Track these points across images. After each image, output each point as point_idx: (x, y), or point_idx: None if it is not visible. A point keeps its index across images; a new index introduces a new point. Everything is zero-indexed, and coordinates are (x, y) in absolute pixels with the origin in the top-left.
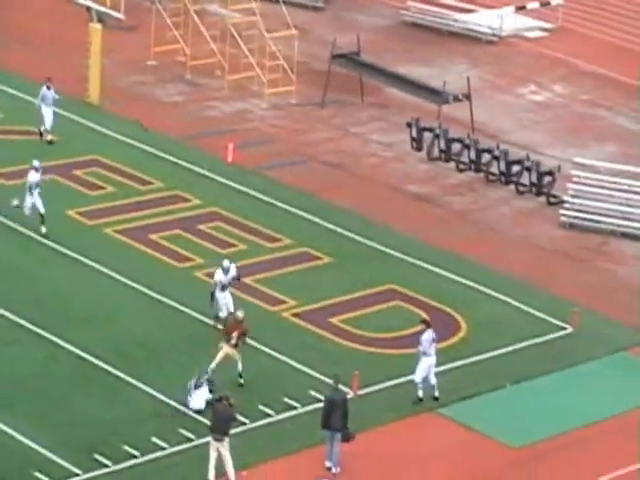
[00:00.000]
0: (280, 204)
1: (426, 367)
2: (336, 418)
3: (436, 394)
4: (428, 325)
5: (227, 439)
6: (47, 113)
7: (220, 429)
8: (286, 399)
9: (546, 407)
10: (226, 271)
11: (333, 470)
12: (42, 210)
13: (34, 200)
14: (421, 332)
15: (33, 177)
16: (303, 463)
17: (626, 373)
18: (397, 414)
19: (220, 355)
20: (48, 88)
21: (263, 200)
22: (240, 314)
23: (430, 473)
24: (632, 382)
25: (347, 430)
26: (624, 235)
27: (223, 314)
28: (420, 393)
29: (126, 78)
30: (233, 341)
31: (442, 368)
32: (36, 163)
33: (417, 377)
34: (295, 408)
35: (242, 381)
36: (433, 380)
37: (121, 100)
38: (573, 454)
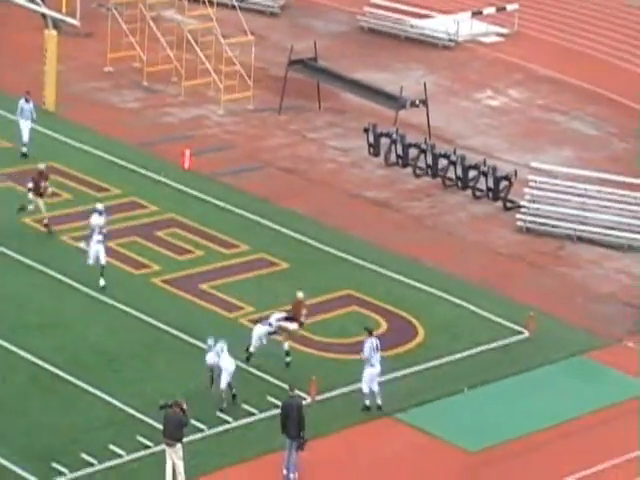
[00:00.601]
0: (237, 210)
1: (368, 378)
2: (291, 425)
3: (379, 402)
4: (370, 333)
5: (179, 445)
6: (24, 126)
7: (171, 435)
8: (244, 405)
9: (503, 411)
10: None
11: (291, 477)
12: (103, 261)
13: (98, 249)
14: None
15: (96, 220)
16: (261, 470)
17: (582, 377)
18: (355, 420)
19: (288, 327)
20: (27, 101)
21: (220, 206)
22: (301, 294)
23: (388, 478)
24: (588, 386)
25: (302, 438)
26: (580, 239)
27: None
28: (367, 402)
29: (82, 84)
30: (303, 319)
31: (399, 373)
32: (99, 206)
33: (363, 387)
34: (253, 414)
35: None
36: (376, 388)
37: (77, 106)
38: (531, 458)
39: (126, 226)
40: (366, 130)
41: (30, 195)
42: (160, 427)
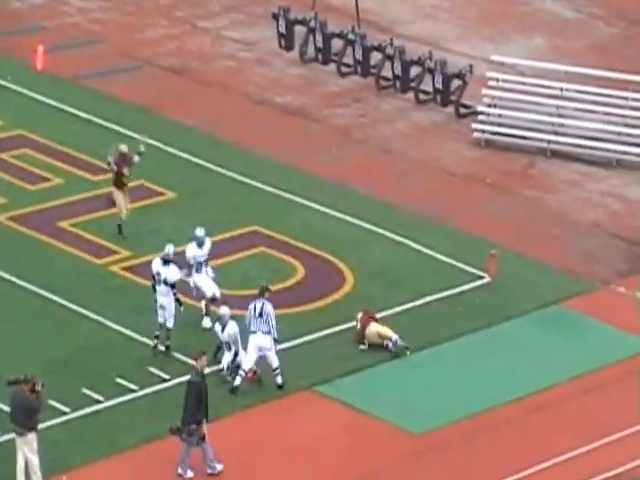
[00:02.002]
0: (107, 123)
1: (254, 349)
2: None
3: (279, 381)
4: (261, 293)
5: (31, 435)
6: None
7: (19, 421)
8: (119, 379)
9: (458, 381)
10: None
11: (188, 474)
12: (209, 293)
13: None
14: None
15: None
16: (142, 462)
17: (560, 333)
18: (264, 395)
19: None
20: None
21: (84, 118)
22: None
23: (310, 467)
24: (568, 344)
25: (184, 425)
26: (555, 154)
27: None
28: (238, 380)
29: None
30: None
31: (321, 333)
32: (199, 232)
33: (244, 363)
34: (132, 391)
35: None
36: (275, 362)
37: None
38: (493, 441)
39: None
40: (275, 16)
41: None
42: (7, 410)
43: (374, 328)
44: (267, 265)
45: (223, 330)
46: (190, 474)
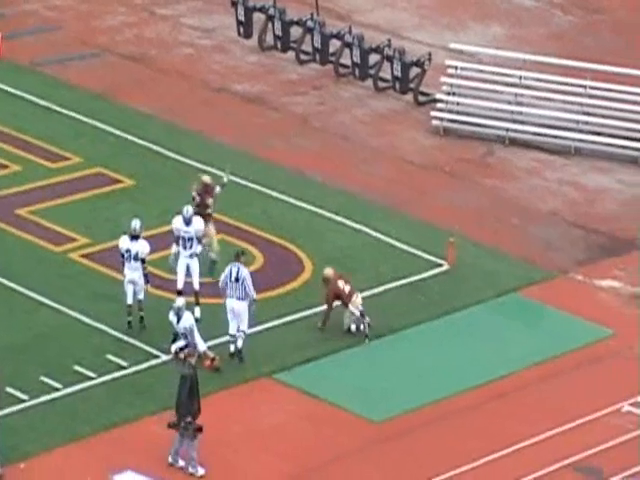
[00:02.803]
0: (65, 111)
1: (228, 312)
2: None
3: (239, 345)
4: (236, 257)
5: None
6: None
7: None
8: (77, 367)
9: (417, 368)
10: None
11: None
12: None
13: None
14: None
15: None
16: (100, 450)
17: (518, 321)
18: (222, 382)
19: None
20: None
21: (42, 105)
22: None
23: (270, 455)
24: (526, 333)
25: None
26: (514, 142)
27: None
28: (232, 347)
29: None
30: None
31: (280, 321)
32: (185, 210)
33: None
34: (90, 378)
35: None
36: (243, 325)
37: None
38: (453, 427)
39: None
40: (234, 3)
41: None
42: None
43: (360, 300)
44: (226, 253)
45: (179, 321)
46: (201, 471)
